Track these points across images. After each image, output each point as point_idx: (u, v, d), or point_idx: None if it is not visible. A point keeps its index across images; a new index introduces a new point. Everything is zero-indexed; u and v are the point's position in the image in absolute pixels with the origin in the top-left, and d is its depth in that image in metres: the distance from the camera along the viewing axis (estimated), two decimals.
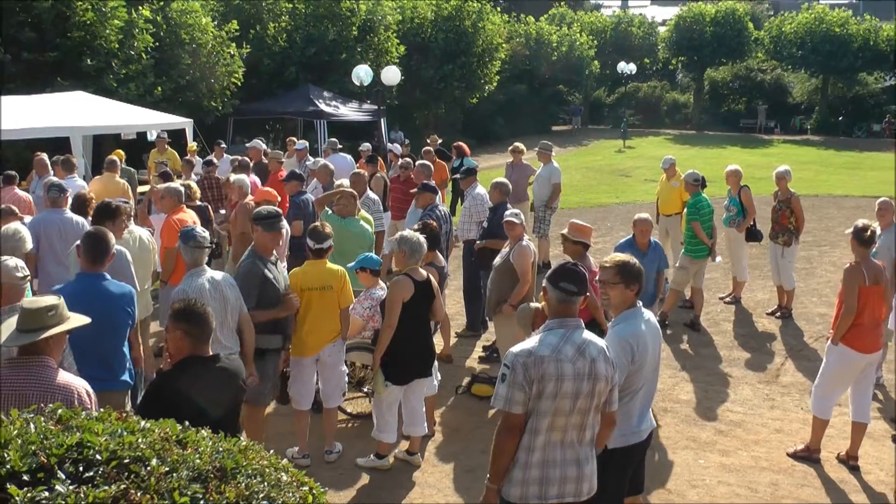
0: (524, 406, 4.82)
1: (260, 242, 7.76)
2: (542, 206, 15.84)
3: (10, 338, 4.85)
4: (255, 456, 3.04)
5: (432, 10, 40.20)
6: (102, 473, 2.65)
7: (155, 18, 25.10)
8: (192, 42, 26.38)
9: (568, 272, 5.10)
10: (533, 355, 4.82)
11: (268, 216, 7.73)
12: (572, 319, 5.05)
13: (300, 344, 8.13)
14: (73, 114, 18.48)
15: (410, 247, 7.95)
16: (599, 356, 4.96)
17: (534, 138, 34.21)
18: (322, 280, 8.04)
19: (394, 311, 7.76)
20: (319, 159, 15.70)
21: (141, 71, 24.31)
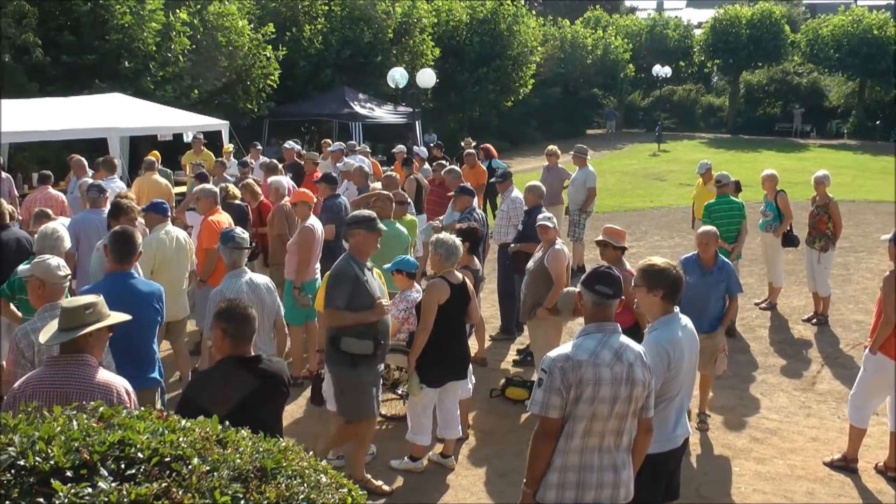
0: (561, 411, 4.81)
1: (361, 243, 7.52)
2: (577, 210, 15.79)
3: (52, 336, 4.92)
4: (294, 457, 3.05)
5: (468, 12, 40.20)
6: (144, 471, 2.67)
7: (192, 21, 25.33)
8: (228, 45, 26.56)
9: (603, 275, 5.09)
10: (570, 360, 4.81)
11: (369, 218, 7.58)
12: (609, 323, 5.04)
13: None
14: (111, 115, 18.65)
15: (446, 249, 7.95)
16: (637, 361, 4.95)
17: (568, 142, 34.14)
18: None
19: (429, 313, 7.75)
20: (352, 161, 15.73)
21: (178, 73, 24.54)
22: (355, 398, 7.44)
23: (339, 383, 7.46)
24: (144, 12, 23.48)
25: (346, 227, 7.62)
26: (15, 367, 5.71)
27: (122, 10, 22.99)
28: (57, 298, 6.06)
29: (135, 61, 23.51)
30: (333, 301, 7.23)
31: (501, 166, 15.76)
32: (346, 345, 7.25)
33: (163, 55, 24.27)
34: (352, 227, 7.53)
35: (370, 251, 7.64)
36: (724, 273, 9.02)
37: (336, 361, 7.39)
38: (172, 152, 22.79)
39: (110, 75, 22.76)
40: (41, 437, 2.76)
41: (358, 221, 7.54)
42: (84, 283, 9.21)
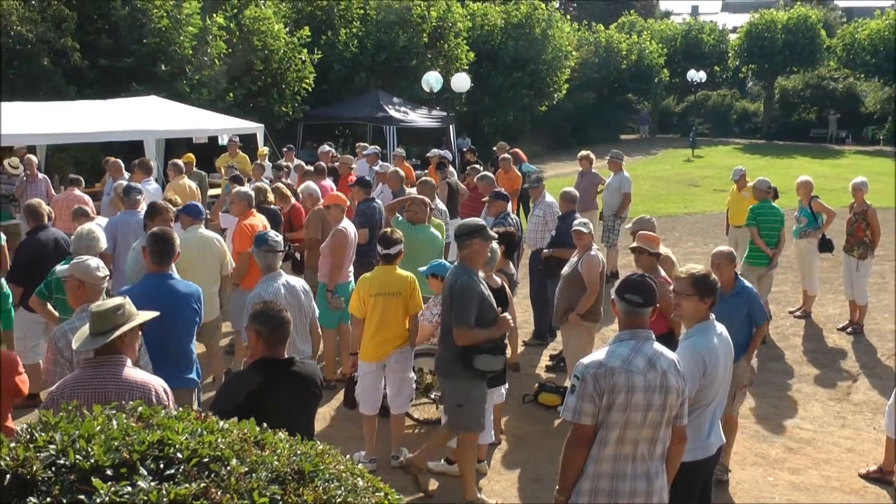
0: (594, 418, 4.79)
1: (477, 253, 7.31)
2: (612, 216, 15.72)
3: (85, 342, 4.96)
4: (331, 460, 3.06)
5: (502, 17, 40.18)
6: (183, 471, 2.69)
7: (228, 25, 25.54)
8: (264, 48, 26.76)
9: (634, 283, 5.07)
10: (603, 366, 4.79)
11: (482, 227, 7.37)
12: (642, 331, 5.02)
13: (366, 348, 8.18)
14: (147, 118, 18.79)
15: None
16: (670, 368, 4.93)
17: (602, 147, 34.06)
18: (390, 286, 8.08)
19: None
20: (388, 165, 15.77)
21: (213, 76, 24.73)
22: (475, 411, 7.38)
23: (459, 397, 7.32)
24: (181, 16, 23.71)
25: (459, 236, 7.36)
26: (53, 367, 5.78)
27: (160, 14, 23.22)
28: (95, 299, 6.10)
29: (171, 65, 23.73)
30: (465, 319, 7.01)
31: (531, 170, 15.71)
32: (481, 363, 7.12)
33: (199, 59, 24.48)
34: (466, 236, 7.26)
35: (483, 260, 7.57)
36: (745, 298, 8.07)
37: (461, 377, 7.23)
38: (207, 155, 22.92)
39: (147, 78, 22.97)
40: (81, 436, 2.78)
41: (472, 231, 7.30)
42: (120, 284, 9.29)
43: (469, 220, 7.69)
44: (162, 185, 16.17)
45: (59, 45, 21.14)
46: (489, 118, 39.65)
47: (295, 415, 5.06)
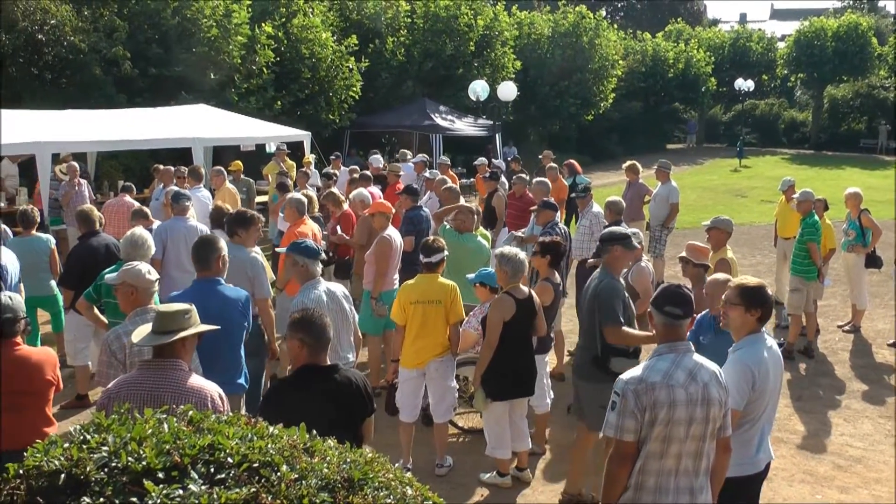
0: (636, 434, 4.75)
1: (618, 259, 7.57)
2: (659, 226, 15.57)
3: (146, 338, 5.03)
4: (380, 468, 3.06)
5: (550, 25, 40.14)
6: (234, 476, 2.71)
7: (277, 34, 25.73)
8: (311, 57, 26.92)
9: (672, 295, 5.02)
10: (643, 382, 4.75)
11: (626, 235, 7.64)
12: (681, 343, 4.97)
13: (406, 355, 8.20)
14: (196, 126, 19.01)
15: (512, 265, 7.89)
16: (711, 380, 4.86)
17: (648, 156, 33.82)
18: (431, 294, 8.09)
19: (494, 330, 7.70)
20: (437, 172, 15.80)
21: (262, 85, 24.95)
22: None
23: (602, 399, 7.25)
24: (231, 26, 23.96)
25: (602, 243, 7.62)
26: (107, 369, 5.87)
27: (209, 23, 23.48)
28: (147, 303, 6.22)
29: (220, 73, 23.98)
30: (614, 318, 7.16)
31: (585, 182, 15.63)
32: (616, 365, 7.11)
33: (247, 67, 24.70)
34: (609, 243, 7.53)
35: (623, 268, 7.77)
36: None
37: (602, 380, 7.12)
38: (255, 162, 23.12)
39: (196, 87, 23.24)
40: (133, 438, 2.82)
41: (616, 238, 7.54)
42: (169, 289, 9.37)
43: (615, 228, 8.07)
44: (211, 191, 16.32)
45: (110, 55, 21.43)
46: (535, 127, 39.63)
47: (339, 422, 5.06)
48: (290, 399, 5.17)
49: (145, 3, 22.99)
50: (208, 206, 13.10)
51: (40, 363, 5.98)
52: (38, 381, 5.95)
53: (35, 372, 5.93)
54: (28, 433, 5.73)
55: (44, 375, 5.97)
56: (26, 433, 5.73)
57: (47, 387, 6.02)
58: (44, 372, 5.97)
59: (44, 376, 5.97)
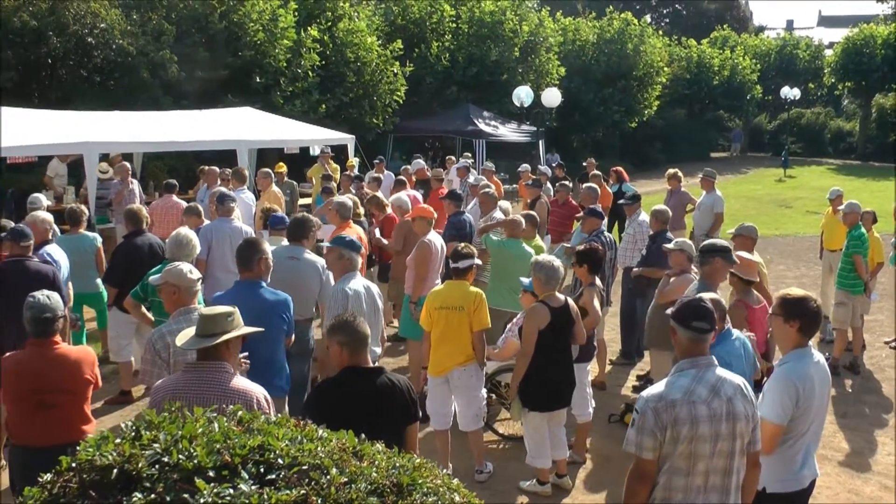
0: (654, 452, 4.66)
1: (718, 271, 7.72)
2: (703, 236, 15.23)
3: (190, 342, 5.07)
4: (428, 474, 3.06)
5: (595, 32, 40.05)
6: (284, 477, 2.72)
7: (322, 38, 25.86)
8: (356, 61, 27.07)
9: (698, 310, 4.91)
10: (663, 400, 4.66)
11: (726, 248, 7.79)
12: (703, 358, 4.86)
13: (431, 362, 8.19)
14: (241, 128, 19.14)
15: (546, 273, 7.84)
16: (736, 394, 4.77)
17: (692, 165, 33.56)
18: (454, 300, 8.02)
19: (530, 340, 7.65)
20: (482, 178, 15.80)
21: (306, 88, 25.11)
22: None
23: None
24: (277, 30, 24.17)
25: (703, 255, 7.77)
26: (151, 367, 5.93)
27: (256, 27, 23.69)
28: (190, 302, 6.29)
29: (266, 77, 24.18)
30: None
31: (631, 190, 15.49)
32: None
33: (293, 71, 24.88)
34: (709, 254, 7.69)
35: (722, 280, 7.79)
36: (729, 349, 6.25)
37: None
38: (299, 165, 23.25)
39: (241, 90, 23.44)
40: (184, 436, 2.84)
41: (716, 250, 7.68)
42: (213, 290, 9.45)
43: (715, 241, 8.08)
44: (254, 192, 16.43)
45: (157, 58, 21.71)
46: (578, 134, 39.54)
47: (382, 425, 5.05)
48: (333, 401, 5.18)
49: (193, 7, 23.32)
50: (252, 208, 13.20)
51: (79, 362, 6.07)
52: (77, 379, 6.05)
53: (73, 370, 6.03)
54: (66, 430, 5.91)
55: (82, 374, 6.06)
56: (64, 430, 5.91)
57: (85, 385, 6.11)
58: (82, 370, 6.06)
59: (82, 375, 6.06)
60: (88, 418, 6.19)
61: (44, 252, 9.28)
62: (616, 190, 17.85)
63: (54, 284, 7.95)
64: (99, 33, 20.92)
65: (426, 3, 32.85)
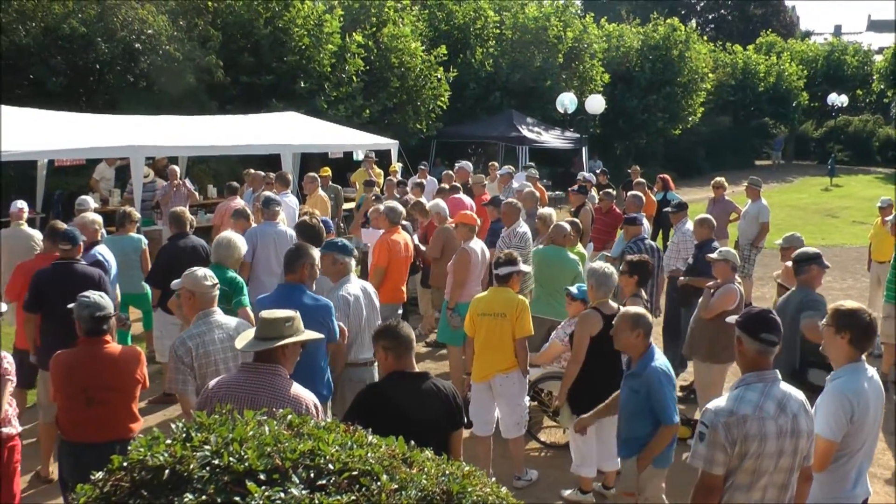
0: (724, 467, 4.60)
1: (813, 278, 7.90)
2: (748, 245, 15.16)
3: (249, 344, 5.11)
4: (477, 482, 3.05)
5: (639, 38, 39.88)
6: (334, 483, 2.73)
7: (367, 43, 25.97)
8: (400, 66, 27.16)
9: (768, 322, 4.84)
10: (734, 415, 4.58)
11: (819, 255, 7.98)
12: (769, 372, 4.79)
13: (474, 368, 8.19)
14: (285, 133, 19.29)
15: (598, 279, 7.81)
16: (800, 411, 4.71)
17: (736, 173, 33.24)
18: (496, 307, 8.02)
19: (581, 346, 7.62)
20: (526, 184, 15.77)
21: (350, 93, 25.23)
22: None
23: None
24: (322, 35, 24.31)
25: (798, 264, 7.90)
26: (175, 374, 6.03)
27: (301, 32, 23.85)
28: (209, 307, 6.34)
29: (310, 82, 24.33)
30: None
31: (676, 198, 15.38)
32: (815, 377, 7.10)
33: (337, 76, 25.02)
34: (804, 264, 7.86)
35: (818, 286, 7.95)
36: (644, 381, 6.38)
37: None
38: (342, 169, 23.35)
39: (286, 95, 23.59)
40: (234, 439, 2.85)
41: (810, 258, 7.88)
42: (258, 292, 9.52)
43: (808, 249, 8.19)
44: (298, 196, 16.53)
45: (204, 63, 21.93)
46: (621, 141, 39.34)
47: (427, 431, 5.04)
48: (377, 406, 5.19)
49: (239, 13, 23.50)
50: (296, 212, 13.26)
51: (127, 361, 6.19)
52: (125, 378, 6.17)
53: (122, 369, 6.15)
54: (115, 427, 6.05)
55: (131, 373, 6.18)
56: (113, 427, 6.05)
57: (134, 384, 6.23)
58: (131, 369, 6.18)
59: (131, 374, 6.18)
60: (136, 416, 6.30)
61: (95, 252, 9.48)
62: (661, 198, 17.72)
63: (100, 286, 8.03)
64: (146, 39, 21.15)
65: (470, 9, 32.87)
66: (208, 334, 6.10)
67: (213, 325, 6.17)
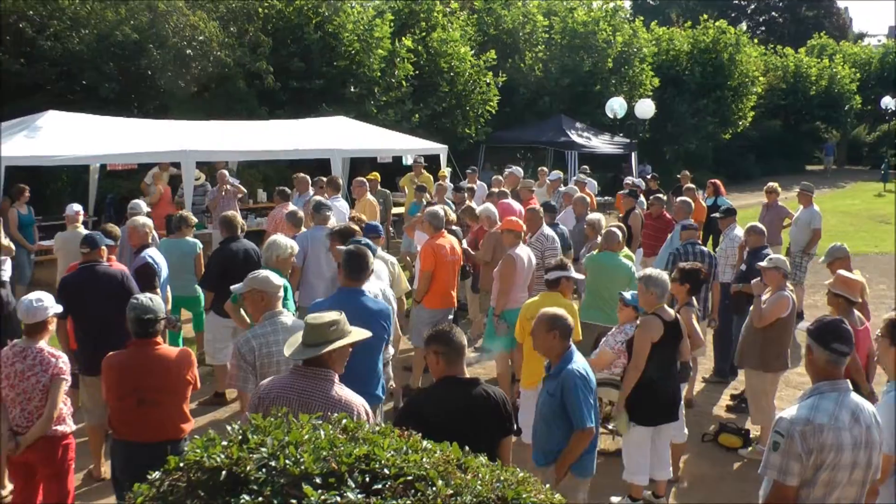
0: (799, 478, 4.49)
1: None
2: (799, 252, 14.99)
3: (296, 351, 5.13)
4: (531, 488, 3.04)
5: (689, 42, 39.61)
6: (390, 488, 2.73)
7: (416, 48, 26.05)
8: (450, 70, 27.24)
9: (840, 332, 4.75)
10: (811, 424, 4.48)
11: None
12: (842, 381, 4.70)
13: (523, 374, 8.18)
14: (335, 137, 19.37)
15: (660, 287, 7.77)
16: (873, 423, 4.63)
17: (787, 178, 32.81)
18: None
19: (642, 352, 7.56)
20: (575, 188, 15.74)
21: (400, 98, 25.32)
22: None
23: None
24: (372, 40, 24.41)
25: None
26: (238, 371, 6.13)
27: (351, 37, 23.98)
28: (275, 307, 6.42)
29: (360, 86, 24.44)
30: None
31: (726, 204, 15.24)
32: None
33: (386, 80, 25.13)
34: None
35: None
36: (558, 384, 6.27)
37: None
38: (391, 174, 23.43)
39: (336, 99, 23.73)
40: (290, 442, 2.87)
41: None
42: (308, 297, 9.60)
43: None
44: (348, 200, 16.60)
45: (254, 69, 22.15)
46: (671, 145, 39.04)
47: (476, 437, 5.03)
48: (428, 411, 5.19)
49: (289, 18, 23.68)
50: (345, 216, 13.32)
51: (179, 362, 6.27)
52: (177, 379, 6.24)
53: (174, 370, 6.23)
54: (165, 427, 6.14)
55: (182, 374, 6.26)
56: (164, 427, 6.14)
57: (185, 385, 6.31)
58: (182, 371, 6.26)
59: (182, 375, 6.26)
60: (187, 417, 6.38)
61: (144, 255, 9.60)
62: (712, 203, 17.56)
63: (123, 286, 8.13)
64: (197, 45, 21.36)
65: (519, 14, 32.83)
66: (273, 335, 6.16)
67: (278, 327, 6.23)
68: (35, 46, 19.35)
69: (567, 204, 14.77)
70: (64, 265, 10.53)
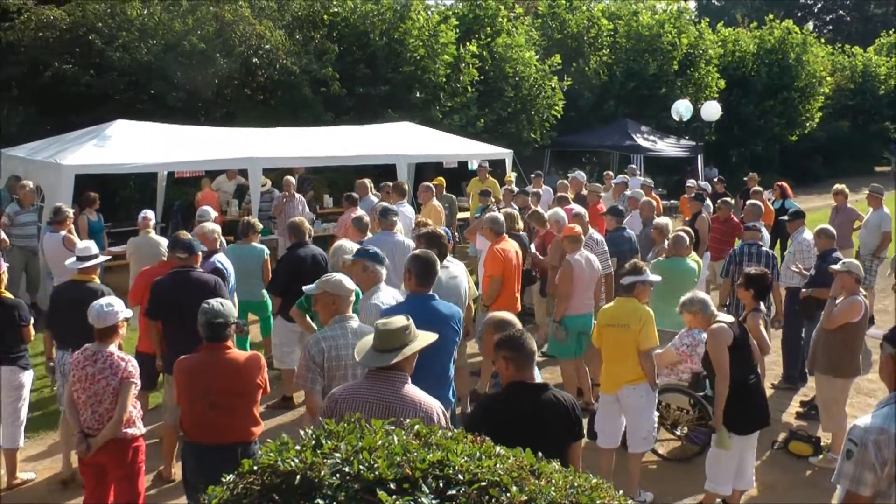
0: (874, 488, 4.35)
1: None
2: (869, 255, 14.69)
3: (371, 359, 5.16)
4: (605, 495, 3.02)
5: (755, 42, 39.12)
6: (464, 493, 2.73)
7: (481, 53, 26.09)
8: (515, 75, 27.24)
9: None
10: (885, 433, 4.33)
11: None
12: None
13: (602, 380, 8.14)
14: (400, 143, 19.48)
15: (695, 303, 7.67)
16: None
17: (855, 180, 32.20)
18: (619, 318, 7.98)
19: (722, 360, 7.38)
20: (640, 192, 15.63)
21: (465, 103, 25.37)
22: None
23: None
24: (437, 45, 24.50)
25: None
26: (306, 372, 6.17)
27: (416, 43, 24.10)
28: (346, 311, 6.44)
29: (425, 92, 24.56)
30: None
31: (794, 206, 15.04)
32: None
33: (452, 86, 25.21)
34: None
35: None
36: None
37: None
38: (456, 179, 23.43)
39: (401, 105, 23.83)
40: (364, 448, 2.88)
41: None
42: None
43: None
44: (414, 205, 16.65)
45: (320, 76, 22.37)
46: (736, 148, 38.56)
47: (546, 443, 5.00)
48: (498, 416, 5.16)
49: (354, 25, 23.84)
50: (412, 221, 13.36)
51: (249, 366, 6.33)
52: (247, 382, 6.31)
53: (244, 374, 6.29)
54: (235, 430, 6.21)
55: (252, 378, 6.32)
56: (234, 430, 6.20)
57: (255, 389, 6.37)
58: (252, 374, 6.33)
59: (252, 379, 6.32)
60: (257, 420, 6.45)
61: (214, 260, 9.79)
62: (779, 206, 17.33)
63: (215, 293, 8.22)
64: (264, 54, 21.61)
65: (583, 18, 32.77)
66: (342, 339, 6.19)
67: (347, 331, 6.26)
68: (104, 57, 19.69)
69: (633, 208, 14.66)
70: (136, 269, 10.69)
